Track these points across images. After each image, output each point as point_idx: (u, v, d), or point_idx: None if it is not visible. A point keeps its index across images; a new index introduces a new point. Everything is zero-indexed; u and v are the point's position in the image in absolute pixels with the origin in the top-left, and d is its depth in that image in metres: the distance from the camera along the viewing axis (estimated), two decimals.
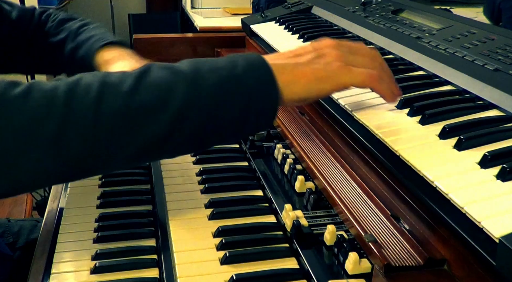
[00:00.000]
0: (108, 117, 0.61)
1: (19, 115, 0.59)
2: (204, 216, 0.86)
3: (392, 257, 0.61)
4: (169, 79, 0.65)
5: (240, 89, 0.65)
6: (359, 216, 0.70)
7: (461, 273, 0.59)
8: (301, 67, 0.70)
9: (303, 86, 0.69)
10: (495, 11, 2.63)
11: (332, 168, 0.82)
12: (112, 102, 0.61)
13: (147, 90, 0.63)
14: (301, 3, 1.53)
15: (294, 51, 0.74)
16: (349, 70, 0.70)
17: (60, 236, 0.88)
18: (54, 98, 0.60)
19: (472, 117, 0.75)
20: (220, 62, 0.68)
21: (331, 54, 0.72)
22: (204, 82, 0.65)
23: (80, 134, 0.60)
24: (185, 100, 0.63)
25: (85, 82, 0.63)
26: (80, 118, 0.60)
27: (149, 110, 0.62)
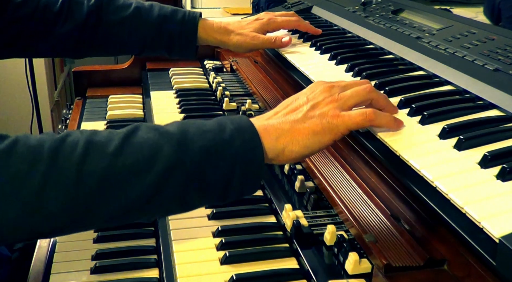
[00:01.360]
0: (91, 178, 0.60)
1: (2, 170, 0.59)
2: (204, 216, 0.86)
3: (392, 257, 0.61)
4: (155, 140, 0.64)
5: (225, 153, 0.65)
6: (359, 216, 0.70)
7: (461, 273, 0.59)
8: (298, 125, 0.69)
9: (303, 143, 0.69)
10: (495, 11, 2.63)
11: (332, 168, 0.82)
12: (96, 163, 0.61)
13: (133, 151, 0.63)
14: (301, 3, 1.53)
15: (288, 104, 0.73)
16: (344, 118, 0.70)
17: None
18: (38, 155, 0.60)
19: (472, 117, 0.75)
20: (208, 126, 0.67)
21: (325, 102, 0.71)
22: (190, 145, 0.64)
23: (61, 193, 0.60)
24: (170, 163, 0.63)
25: (71, 140, 0.62)
26: (63, 177, 0.60)
27: (133, 171, 0.62)
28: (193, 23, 1.18)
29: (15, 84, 3.13)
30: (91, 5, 1.16)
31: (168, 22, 1.17)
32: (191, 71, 1.51)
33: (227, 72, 1.46)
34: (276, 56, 1.22)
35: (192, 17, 1.19)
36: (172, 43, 1.19)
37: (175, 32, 1.18)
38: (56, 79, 3.58)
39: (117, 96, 1.41)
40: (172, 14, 1.18)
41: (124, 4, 1.18)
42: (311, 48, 1.18)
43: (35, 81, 3.09)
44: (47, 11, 1.15)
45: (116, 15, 1.17)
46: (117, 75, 1.56)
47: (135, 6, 1.17)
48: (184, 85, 1.39)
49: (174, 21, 1.17)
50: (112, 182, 0.61)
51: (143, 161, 0.62)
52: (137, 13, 1.17)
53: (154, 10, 1.18)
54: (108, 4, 1.17)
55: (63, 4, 1.16)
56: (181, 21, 1.17)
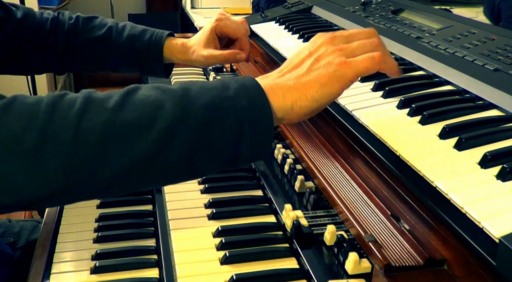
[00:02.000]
0: (90, 134, 0.58)
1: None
2: (204, 216, 0.86)
3: (392, 257, 0.61)
4: (157, 97, 0.62)
5: (231, 110, 0.62)
6: (359, 216, 0.70)
7: (461, 273, 0.59)
8: (303, 79, 0.67)
9: (311, 97, 0.66)
10: (495, 11, 2.63)
11: (332, 168, 0.82)
12: (95, 118, 0.59)
13: (134, 107, 0.60)
14: (301, 3, 1.53)
15: (291, 61, 0.71)
16: (351, 64, 0.67)
17: (60, 236, 0.88)
18: (35, 112, 0.58)
19: (472, 117, 0.75)
20: (211, 84, 0.65)
21: (328, 52, 0.69)
22: (194, 101, 0.62)
23: (59, 150, 0.57)
24: (173, 119, 0.60)
25: (69, 97, 0.60)
26: (61, 133, 0.58)
27: (134, 127, 0.59)
28: (159, 43, 1.18)
29: (15, 84, 3.13)
30: (70, 24, 1.18)
31: (136, 42, 1.18)
32: (191, 71, 1.51)
33: (227, 72, 1.46)
34: (276, 56, 1.22)
35: (159, 37, 1.18)
36: (141, 62, 1.20)
37: (143, 52, 1.18)
38: (56, 79, 3.58)
39: None
40: (140, 34, 1.18)
41: (100, 23, 1.20)
42: None
43: (35, 81, 3.09)
44: (40, 29, 1.17)
45: (90, 35, 1.18)
46: (117, 75, 1.55)
47: (108, 26, 1.19)
48: None
49: (142, 41, 1.18)
50: (112, 138, 0.59)
51: (144, 117, 0.60)
52: (109, 33, 1.18)
53: (125, 30, 1.19)
54: (84, 24, 1.19)
55: (52, 23, 1.18)
56: (147, 41, 1.17)
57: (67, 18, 1.20)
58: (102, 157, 0.59)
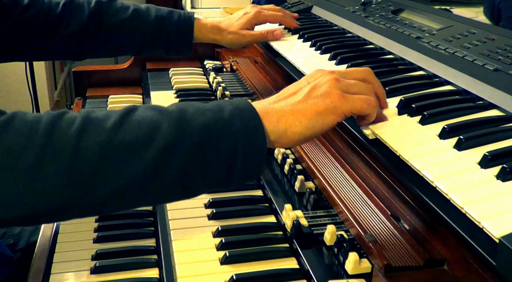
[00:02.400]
0: (88, 153, 0.59)
1: None
2: (204, 216, 0.86)
3: (392, 257, 0.61)
4: (155, 118, 0.63)
5: (225, 132, 0.63)
6: (359, 216, 0.70)
7: (461, 273, 0.59)
8: (299, 106, 0.68)
9: (306, 124, 0.67)
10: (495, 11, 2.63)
11: (332, 168, 0.82)
12: (93, 137, 0.60)
13: (131, 128, 0.61)
14: (301, 3, 1.53)
15: (289, 89, 0.73)
16: (348, 99, 0.69)
17: (60, 236, 0.88)
18: (34, 130, 0.59)
19: (472, 117, 0.75)
20: (207, 106, 0.66)
21: (326, 83, 0.70)
22: (190, 122, 0.63)
23: (57, 168, 0.58)
24: (169, 140, 0.61)
25: (68, 117, 0.61)
26: (59, 151, 0.58)
27: (132, 147, 0.60)
28: (189, 23, 1.24)
29: (15, 84, 3.14)
30: (92, 8, 1.20)
31: (166, 23, 1.22)
32: (191, 71, 1.51)
33: (227, 72, 1.46)
34: (276, 56, 1.22)
35: (187, 18, 1.24)
36: (170, 43, 1.25)
37: (173, 32, 1.23)
38: (56, 79, 3.58)
39: (117, 96, 1.42)
40: (168, 16, 1.23)
41: (123, 6, 1.23)
42: (311, 48, 1.18)
43: (35, 81, 3.09)
44: (50, 14, 1.18)
45: (116, 18, 1.21)
46: (117, 75, 1.56)
47: (133, 9, 1.22)
48: (184, 85, 1.39)
49: (171, 22, 1.23)
50: (109, 158, 0.60)
51: (142, 137, 0.61)
52: (136, 15, 1.22)
53: (151, 12, 1.23)
54: (108, 7, 1.21)
55: (65, 7, 1.19)
56: (177, 22, 1.23)
57: (85, 1, 1.21)
58: (100, 175, 0.60)
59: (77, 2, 1.21)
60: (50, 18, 1.17)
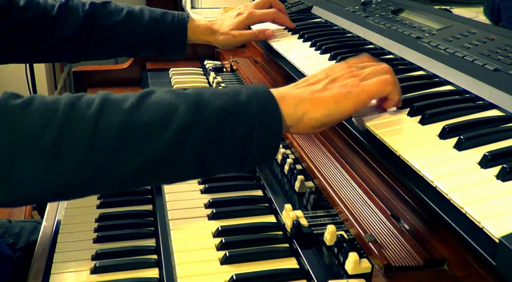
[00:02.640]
0: (106, 133, 0.61)
1: (18, 124, 0.59)
2: (204, 216, 0.86)
3: (392, 257, 0.61)
4: (172, 100, 0.64)
5: (242, 115, 0.65)
6: (359, 216, 0.70)
7: (461, 273, 0.59)
8: (318, 94, 0.70)
9: (324, 112, 0.69)
10: (495, 11, 2.63)
11: (332, 168, 0.82)
12: (112, 118, 0.61)
13: (149, 109, 0.63)
14: (301, 3, 1.53)
15: (307, 79, 0.75)
16: (365, 87, 0.71)
17: (60, 236, 0.88)
18: (54, 110, 0.61)
19: (472, 117, 0.75)
20: (224, 90, 0.68)
21: (343, 76, 0.73)
22: (207, 105, 0.65)
23: (77, 147, 0.60)
24: (187, 121, 0.63)
25: (87, 98, 0.63)
26: (78, 131, 0.60)
27: (149, 128, 0.62)
28: (182, 25, 1.24)
29: (15, 84, 3.13)
30: (86, 10, 1.20)
31: (159, 25, 1.23)
32: (191, 71, 1.51)
33: (227, 72, 1.46)
34: (276, 56, 1.22)
35: (181, 19, 1.25)
36: (164, 44, 1.25)
37: (166, 34, 1.24)
38: (56, 79, 3.58)
39: None
40: (162, 17, 1.24)
41: (116, 9, 1.23)
42: (311, 48, 1.18)
43: (35, 81, 3.09)
44: (45, 16, 1.18)
45: (109, 20, 1.22)
46: (117, 75, 1.56)
47: (127, 11, 1.23)
48: (184, 85, 1.39)
49: (165, 24, 1.23)
50: (128, 138, 0.61)
51: (159, 118, 0.63)
52: (129, 17, 1.22)
53: (144, 14, 1.23)
54: (102, 10, 1.22)
55: (60, 10, 1.20)
56: (171, 24, 1.23)
57: (80, 4, 1.21)
58: (118, 155, 0.61)
59: (72, 5, 1.21)
60: (45, 21, 1.18)
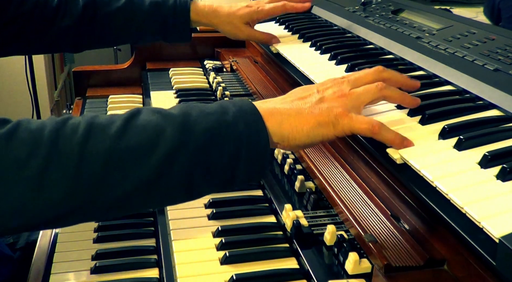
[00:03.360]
0: (93, 160, 0.59)
1: (2, 154, 0.58)
2: (204, 216, 0.86)
3: (392, 257, 0.61)
4: (158, 122, 0.63)
5: (229, 135, 0.64)
6: (359, 216, 0.70)
7: (461, 273, 0.59)
8: (304, 112, 0.69)
9: (306, 133, 0.68)
10: (495, 11, 2.63)
11: (332, 168, 0.82)
12: (98, 144, 0.60)
13: (135, 133, 0.62)
14: None
15: (296, 93, 0.73)
16: (351, 119, 0.69)
17: (60, 236, 0.88)
18: (39, 138, 0.59)
19: (472, 117, 0.75)
20: (210, 108, 0.67)
21: (334, 98, 0.71)
22: (194, 126, 0.64)
23: (63, 176, 0.59)
24: (173, 144, 0.62)
25: (72, 123, 0.62)
26: (65, 158, 0.59)
27: (136, 153, 0.61)
28: (185, 7, 1.22)
29: (15, 84, 3.13)
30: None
31: (160, 7, 1.21)
32: (191, 71, 1.51)
33: (227, 72, 1.46)
34: (276, 56, 1.22)
35: (183, 1, 1.22)
36: (167, 28, 1.22)
37: (169, 17, 1.21)
38: (56, 79, 3.58)
39: (117, 96, 1.42)
40: (163, 0, 1.21)
41: None
42: (311, 48, 1.18)
43: (35, 81, 3.09)
44: (46, 6, 1.17)
45: (110, 7, 1.20)
46: (117, 75, 1.56)
47: None
48: (184, 85, 1.39)
49: (167, 6, 1.21)
50: (114, 164, 0.60)
51: (146, 142, 0.62)
52: (130, 2, 1.21)
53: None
54: None
55: (60, 0, 1.18)
56: (173, 6, 1.21)
57: None
58: (105, 182, 0.60)
59: None
60: (46, 11, 1.17)
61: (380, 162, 0.76)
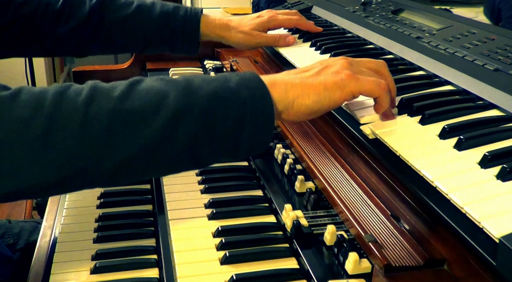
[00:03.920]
0: (96, 121, 0.59)
1: (6, 115, 0.58)
2: (204, 216, 0.86)
3: (392, 257, 0.61)
4: (162, 87, 0.64)
5: (233, 101, 0.64)
6: (359, 216, 0.70)
7: (461, 273, 0.59)
8: (309, 80, 0.70)
9: (313, 97, 0.69)
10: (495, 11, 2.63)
11: (332, 168, 0.82)
12: (101, 106, 0.60)
13: (139, 96, 0.62)
14: (301, 3, 1.53)
15: (301, 68, 0.74)
16: (358, 78, 0.70)
17: (60, 236, 0.88)
18: (42, 100, 0.59)
19: (472, 117, 0.75)
20: (213, 77, 0.67)
21: (338, 64, 0.72)
22: (197, 91, 0.64)
23: (67, 136, 0.59)
24: (177, 108, 0.62)
25: (75, 87, 0.62)
26: (68, 119, 0.59)
27: (140, 115, 0.61)
28: (195, 19, 1.19)
29: (15, 84, 3.12)
30: (94, 3, 1.17)
31: (170, 18, 1.18)
32: (191, 71, 1.51)
33: (227, 72, 1.46)
34: (276, 56, 1.22)
35: (194, 13, 1.20)
36: (175, 40, 1.20)
37: (178, 29, 1.19)
38: (56, 79, 3.58)
39: None
40: (174, 11, 1.19)
41: (126, 2, 1.19)
42: (311, 48, 1.18)
43: (35, 81, 3.09)
44: (48, 9, 1.16)
45: (118, 13, 1.18)
46: (117, 75, 1.56)
47: (137, 4, 1.19)
48: None
49: (177, 18, 1.19)
50: (118, 125, 0.60)
51: (149, 105, 0.62)
52: (139, 10, 1.18)
53: (156, 7, 1.19)
54: (110, 3, 1.18)
55: (65, 3, 1.17)
56: (183, 18, 1.19)
57: None
58: (109, 143, 0.60)
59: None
60: (47, 15, 1.15)
61: (380, 162, 0.76)
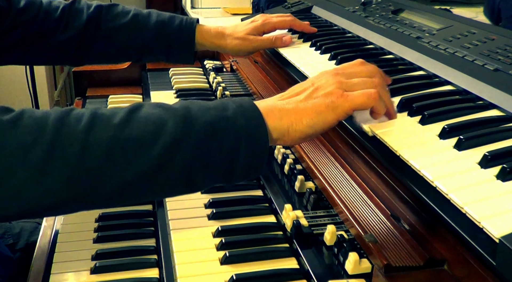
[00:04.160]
0: (96, 148, 0.61)
1: (7, 139, 0.59)
2: (204, 216, 0.86)
3: (392, 257, 0.61)
4: (161, 115, 0.65)
5: (229, 129, 0.65)
6: (359, 216, 0.70)
7: (461, 273, 0.59)
8: (301, 104, 0.70)
9: (306, 122, 0.69)
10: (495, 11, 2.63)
11: (332, 168, 0.82)
12: (101, 133, 0.61)
13: (138, 124, 0.63)
14: (301, 3, 1.53)
15: (293, 89, 0.75)
16: (348, 97, 0.70)
17: (60, 236, 0.88)
18: (43, 125, 0.60)
19: (472, 117, 0.75)
20: (211, 104, 0.68)
21: (328, 84, 0.72)
22: (195, 120, 0.65)
23: (66, 162, 0.60)
24: (175, 136, 0.63)
25: (76, 113, 0.63)
26: (68, 146, 0.60)
27: (138, 143, 0.62)
28: (190, 29, 1.21)
29: (15, 84, 3.13)
30: (91, 12, 1.18)
31: (166, 28, 1.20)
32: (191, 71, 1.51)
33: (227, 72, 1.46)
34: (276, 56, 1.22)
35: (189, 23, 1.21)
36: (170, 49, 1.21)
37: (173, 38, 1.20)
38: (56, 79, 3.58)
39: (117, 96, 1.41)
40: (169, 20, 1.20)
41: (123, 11, 1.20)
42: (311, 48, 1.18)
43: (35, 81, 3.09)
44: (47, 17, 1.17)
45: (114, 22, 1.19)
46: (117, 75, 1.56)
47: (133, 13, 1.20)
48: (184, 85, 1.39)
49: (172, 27, 1.20)
50: (117, 153, 0.61)
51: (148, 133, 0.63)
52: (135, 19, 1.19)
53: (152, 16, 1.20)
54: (107, 12, 1.19)
55: (64, 11, 1.18)
56: (178, 27, 1.20)
57: (85, 6, 1.19)
58: (107, 170, 0.61)
59: (77, 7, 1.19)
60: (46, 23, 1.16)
61: (380, 161, 0.76)
